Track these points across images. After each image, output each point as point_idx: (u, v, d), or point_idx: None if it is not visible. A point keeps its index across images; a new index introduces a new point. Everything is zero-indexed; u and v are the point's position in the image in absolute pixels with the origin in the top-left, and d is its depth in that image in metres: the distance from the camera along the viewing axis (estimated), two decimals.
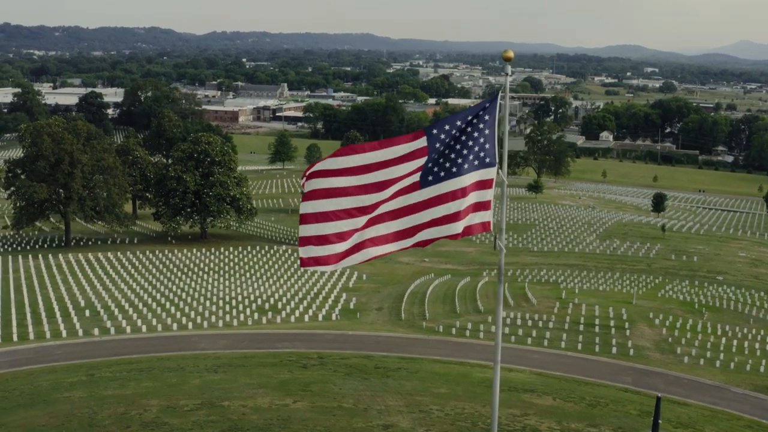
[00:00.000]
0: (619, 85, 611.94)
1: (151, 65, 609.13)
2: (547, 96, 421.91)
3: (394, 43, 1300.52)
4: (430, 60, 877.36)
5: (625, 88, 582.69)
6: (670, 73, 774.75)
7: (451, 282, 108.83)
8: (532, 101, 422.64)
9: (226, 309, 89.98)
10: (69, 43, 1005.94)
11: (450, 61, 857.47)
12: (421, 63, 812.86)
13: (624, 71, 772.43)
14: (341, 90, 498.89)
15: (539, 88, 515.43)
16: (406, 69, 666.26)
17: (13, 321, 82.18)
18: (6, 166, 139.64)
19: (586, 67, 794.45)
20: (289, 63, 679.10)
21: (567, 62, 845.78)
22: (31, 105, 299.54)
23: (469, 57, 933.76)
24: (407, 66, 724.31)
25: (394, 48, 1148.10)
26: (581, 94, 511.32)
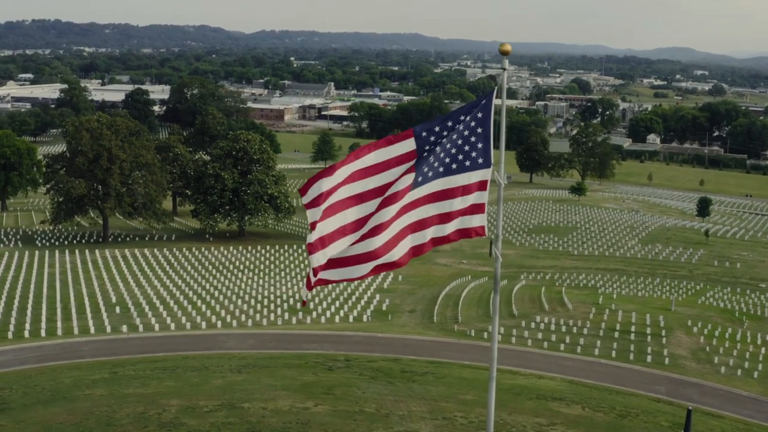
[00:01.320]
0: (668, 88, 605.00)
1: (199, 63, 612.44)
2: (594, 98, 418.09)
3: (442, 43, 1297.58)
4: (477, 60, 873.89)
5: (674, 91, 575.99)
6: (720, 76, 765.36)
7: (487, 285, 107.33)
8: (579, 103, 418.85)
9: (257, 308, 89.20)
10: (119, 40, 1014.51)
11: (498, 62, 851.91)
12: (469, 63, 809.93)
13: (673, 74, 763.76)
14: (388, 90, 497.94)
15: (587, 90, 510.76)
16: (454, 69, 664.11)
17: (43, 316, 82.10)
18: (45, 161, 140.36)
19: (635, 69, 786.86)
20: (336, 62, 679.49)
21: (616, 64, 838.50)
22: (78, 101, 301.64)
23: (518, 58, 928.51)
24: (455, 66, 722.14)
25: (443, 48, 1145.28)
26: (629, 96, 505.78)
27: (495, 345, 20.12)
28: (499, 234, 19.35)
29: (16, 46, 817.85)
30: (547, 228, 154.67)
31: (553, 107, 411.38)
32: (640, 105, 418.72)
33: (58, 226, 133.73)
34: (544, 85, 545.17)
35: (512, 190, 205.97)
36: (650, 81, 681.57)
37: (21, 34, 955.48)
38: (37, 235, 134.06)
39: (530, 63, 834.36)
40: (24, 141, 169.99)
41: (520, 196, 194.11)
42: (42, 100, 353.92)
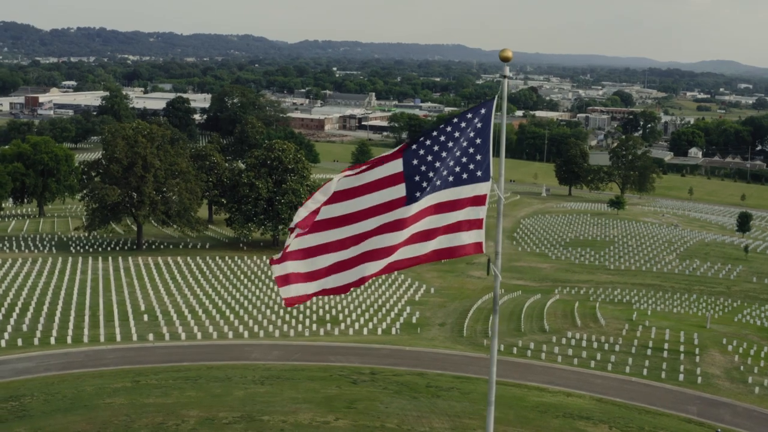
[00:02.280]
0: (711, 101, 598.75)
1: (241, 72, 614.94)
2: (636, 111, 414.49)
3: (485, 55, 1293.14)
4: (520, 72, 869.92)
5: (717, 104, 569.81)
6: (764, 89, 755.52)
7: (520, 299, 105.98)
8: (621, 115, 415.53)
9: (285, 318, 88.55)
10: (163, 48, 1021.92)
11: (540, 74, 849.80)
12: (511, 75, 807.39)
13: (717, 87, 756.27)
14: (429, 100, 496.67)
15: (629, 103, 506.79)
16: (496, 80, 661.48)
17: (71, 323, 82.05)
18: (81, 168, 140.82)
19: (678, 82, 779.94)
20: (378, 72, 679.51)
21: (659, 77, 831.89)
22: (119, 108, 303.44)
23: (560, 69, 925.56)
24: (497, 77, 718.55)
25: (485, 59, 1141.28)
26: (672, 109, 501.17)
27: (494, 368, 19.15)
28: (499, 251, 18.29)
29: (61, 53, 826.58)
30: (584, 242, 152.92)
31: (594, 120, 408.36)
32: (683, 118, 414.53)
33: (93, 232, 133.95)
34: (586, 97, 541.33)
35: (551, 203, 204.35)
36: (693, 94, 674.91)
37: (66, 42, 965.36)
38: (72, 241, 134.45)
39: (572, 75, 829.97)
40: (62, 147, 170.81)
41: (559, 209, 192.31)
42: (84, 107, 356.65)
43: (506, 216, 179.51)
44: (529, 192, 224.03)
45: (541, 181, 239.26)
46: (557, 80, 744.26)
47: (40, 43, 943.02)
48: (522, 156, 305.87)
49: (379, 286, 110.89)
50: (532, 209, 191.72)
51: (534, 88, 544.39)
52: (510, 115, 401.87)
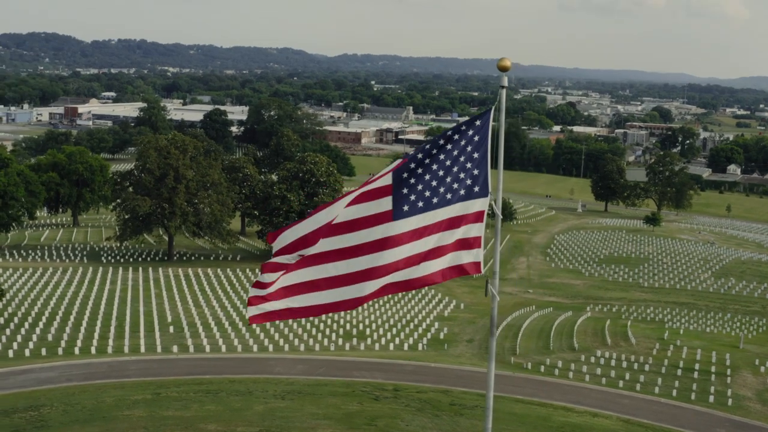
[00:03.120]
0: (751, 118, 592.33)
1: (280, 85, 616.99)
2: (675, 126, 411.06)
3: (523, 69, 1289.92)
4: (558, 87, 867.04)
5: (757, 121, 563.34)
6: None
7: (551, 316, 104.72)
8: (659, 131, 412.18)
9: (312, 332, 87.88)
10: (203, 61, 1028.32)
11: (579, 89, 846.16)
12: (550, 90, 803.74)
13: (757, 103, 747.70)
14: (466, 114, 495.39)
15: (668, 119, 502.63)
16: (534, 95, 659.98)
17: (96, 333, 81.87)
18: (113, 179, 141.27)
19: (717, 98, 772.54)
20: (416, 86, 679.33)
21: (699, 93, 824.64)
22: (156, 120, 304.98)
23: (599, 85, 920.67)
24: (535, 92, 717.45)
25: (523, 74, 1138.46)
26: (711, 125, 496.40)
27: (491, 394, 18.38)
28: (496, 271, 17.40)
29: (102, 64, 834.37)
30: (618, 258, 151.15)
31: (632, 135, 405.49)
32: (722, 135, 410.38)
33: (125, 243, 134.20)
34: (625, 112, 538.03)
35: (586, 219, 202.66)
36: (733, 110, 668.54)
37: (107, 54, 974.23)
38: (104, 251, 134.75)
39: (612, 90, 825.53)
40: (97, 158, 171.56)
41: (594, 225, 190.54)
42: (123, 118, 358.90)
43: (541, 231, 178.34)
44: (565, 207, 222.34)
45: (577, 196, 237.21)
46: (596, 95, 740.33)
47: (81, 54, 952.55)
48: (558, 171, 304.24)
49: (409, 300, 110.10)
50: (567, 225, 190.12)
51: (572, 103, 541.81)
52: (547, 130, 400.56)
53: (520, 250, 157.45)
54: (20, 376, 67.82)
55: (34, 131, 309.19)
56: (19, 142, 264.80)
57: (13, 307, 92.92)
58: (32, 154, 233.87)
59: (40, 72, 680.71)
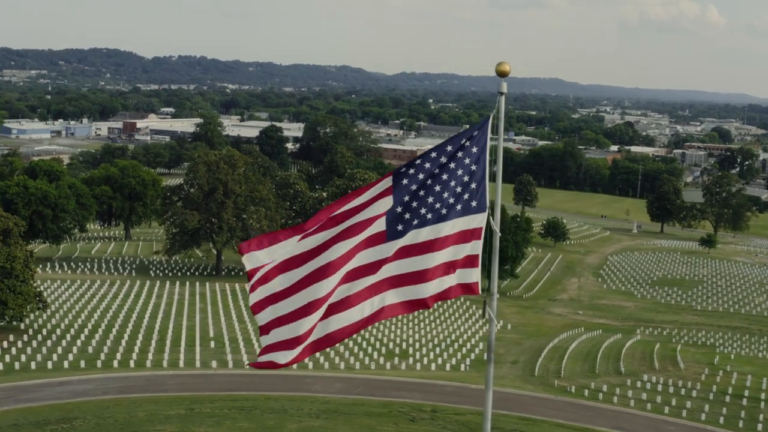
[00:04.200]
0: None
1: (337, 102, 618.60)
2: (734, 147, 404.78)
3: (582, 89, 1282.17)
4: (617, 107, 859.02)
5: None
6: None
7: (599, 338, 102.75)
8: (718, 152, 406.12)
9: (353, 350, 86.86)
10: (262, 78, 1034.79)
11: (638, 109, 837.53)
12: (608, 110, 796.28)
13: None
14: (523, 134, 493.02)
15: (728, 139, 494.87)
16: (592, 115, 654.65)
17: (137, 347, 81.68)
18: (163, 192, 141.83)
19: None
20: (473, 105, 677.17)
21: (759, 113, 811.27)
22: (212, 135, 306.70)
23: (658, 105, 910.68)
24: (593, 112, 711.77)
25: (582, 93, 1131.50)
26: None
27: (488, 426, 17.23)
28: (494, 291, 16.20)
29: (162, 80, 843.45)
30: (671, 280, 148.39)
31: (690, 156, 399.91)
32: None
33: (173, 257, 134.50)
34: (684, 133, 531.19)
35: (641, 240, 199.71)
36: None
37: (167, 70, 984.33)
38: (153, 265, 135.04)
39: (671, 110, 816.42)
40: (149, 172, 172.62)
41: (648, 246, 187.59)
42: (180, 133, 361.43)
43: (594, 252, 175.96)
44: (620, 228, 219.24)
45: (633, 217, 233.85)
46: (655, 115, 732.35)
47: (142, 70, 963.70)
48: (614, 192, 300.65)
49: (455, 320, 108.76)
50: (621, 246, 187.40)
51: (630, 122, 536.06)
52: (604, 150, 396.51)
53: (572, 271, 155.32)
54: (57, 387, 67.69)
55: (92, 145, 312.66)
56: (77, 155, 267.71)
57: (56, 319, 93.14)
58: (88, 167, 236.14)
59: (101, 87, 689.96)
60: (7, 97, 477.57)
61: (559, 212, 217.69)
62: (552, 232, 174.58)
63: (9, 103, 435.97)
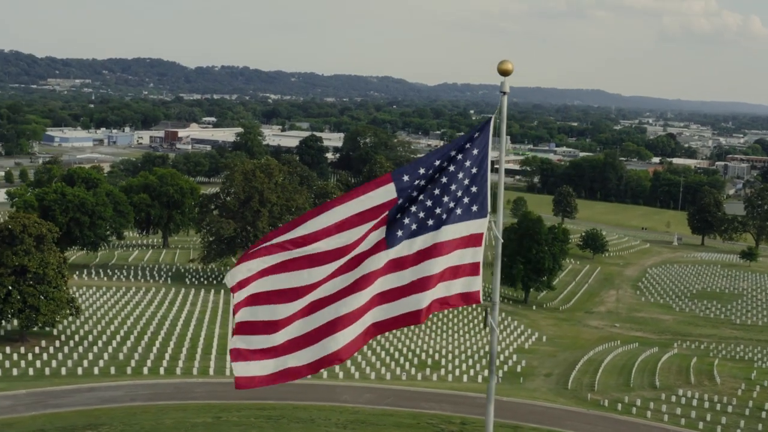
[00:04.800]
0: None
1: (378, 113, 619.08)
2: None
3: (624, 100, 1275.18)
4: (659, 118, 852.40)
5: None
6: None
7: (635, 351, 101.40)
8: (761, 164, 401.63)
9: (385, 360, 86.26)
10: (304, 88, 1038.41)
11: (681, 120, 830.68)
12: (650, 121, 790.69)
13: None
14: (564, 145, 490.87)
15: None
16: (634, 126, 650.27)
17: (167, 354, 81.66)
18: (199, 201, 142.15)
19: None
20: (515, 116, 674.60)
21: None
22: (252, 145, 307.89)
23: (701, 116, 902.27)
24: (635, 123, 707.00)
25: (624, 105, 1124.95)
26: None
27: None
28: (496, 301, 15.51)
29: (205, 90, 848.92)
30: (711, 294, 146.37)
31: (733, 168, 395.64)
32: None
33: (209, 265, 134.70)
34: (727, 145, 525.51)
35: (681, 252, 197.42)
36: None
37: (210, 80, 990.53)
38: (189, 273, 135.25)
39: (714, 122, 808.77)
40: (187, 180, 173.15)
41: (688, 259, 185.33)
42: (221, 142, 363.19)
43: (633, 264, 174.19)
44: (660, 240, 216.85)
45: (673, 229, 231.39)
46: (697, 127, 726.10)
47: (184, 80, 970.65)
48: (656, 204, 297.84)
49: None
50: (660, 258, 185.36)
51: (672, 134, 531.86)
52: (645, 162, 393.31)
53: (610, 283, 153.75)
54: (86, 393, 67.78)
55: (134, 154, 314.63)
56: (117, 164, 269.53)
57: (89, 326, 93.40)
58: (128, 175, 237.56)
59: (144, 97, 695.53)
60: (51, 105, 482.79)
61: (599, 224, 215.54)
62: (590, 244, 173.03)
63: (52, 112, 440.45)
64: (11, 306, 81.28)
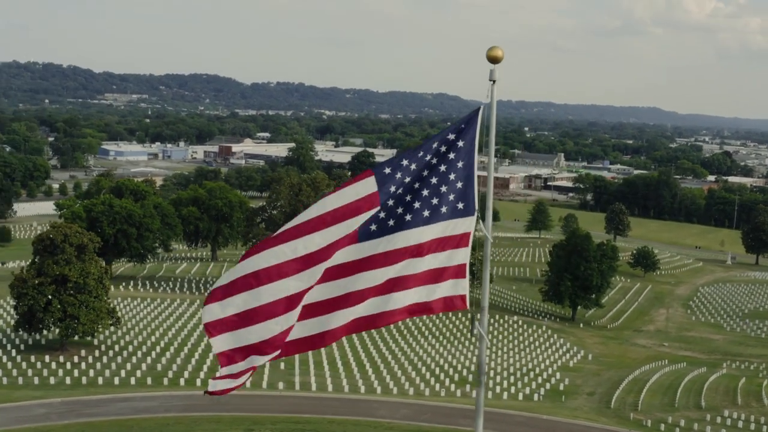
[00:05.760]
0: None
1: (431, 129, 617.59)
2: None
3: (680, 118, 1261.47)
4: (716, 136, 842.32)
5: None
6: None
7: (682, 371, 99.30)
8: None
9: (425, 376, 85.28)
10: (359, 105, 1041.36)
11: (737, 138, 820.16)
12: (707, 139, 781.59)
13: None
14: (618, 162, 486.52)
15: None
16: (689, 144, 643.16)
17: (206, 366, 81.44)
18: (246, 214, 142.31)
19: None
20: (569, 133, 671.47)
21: None
22: (304, 160, 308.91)
23: (758, 135, 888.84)
24: (691, 141, 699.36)
25: (681, 123, 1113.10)
26: None
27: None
28: (485, 306, 14.50)
29: (260, 106, 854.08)
30: (763, 313, 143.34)
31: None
32: None
33: None
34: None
35: (734, 271, 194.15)
36: None
37: (265, 96, 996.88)
38: None
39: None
40: (236, 194, 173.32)
41: (742, 278, 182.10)
42: (274, 157, 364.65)
43: (685, 283, 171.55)
44: (714, 259, 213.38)
45: (728, 248, 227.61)
46: (754, 145, 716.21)
47: (240, 96, 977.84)
48: (710, 222, 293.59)
49: (534, 348, 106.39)
50: (713, 277, 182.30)
51: (728, 152, 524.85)
52: (701, 180, 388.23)
53: (661, 302, 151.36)
54: (120, 403, 67.59)
55: (187, 168, 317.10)
56: (170, 177, 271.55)
57: (130, 336, 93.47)
58: (180, 189, 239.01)
59: (200, 112, 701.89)
60: (107, 120, 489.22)
61: (652, 242, 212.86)
62: (642, 262, 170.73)
63: (109, 126, 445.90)
64: (51, 315, 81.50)
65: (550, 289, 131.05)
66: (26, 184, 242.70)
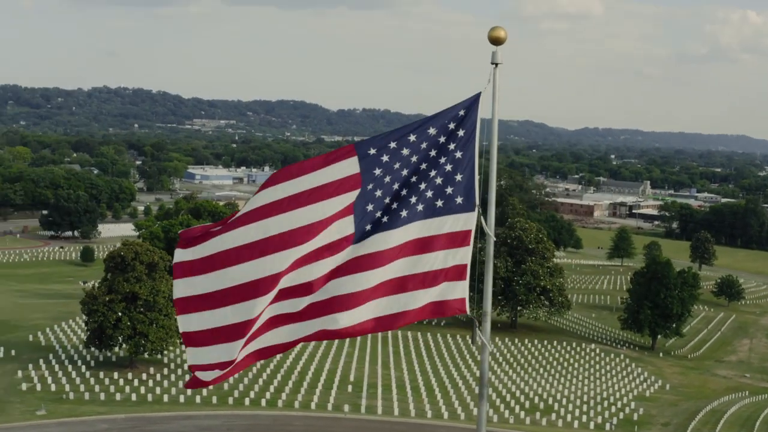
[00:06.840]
0: None
1: (516, 156, 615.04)
2: None
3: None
4: None
5: None
6: None
7: (763, 403, 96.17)
8: None
9: (495, 402, 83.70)
10: None
11: None
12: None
13: None
14: (705, 191, 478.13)
15: None
16: None
17: (272, 386, 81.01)
18: None
19: None
20: (656, 161, 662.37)
21: None
22: None
23: None
24: None
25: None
26: None
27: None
28: (487, 311, 13.39)
29: (346, 132, 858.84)
30: None
31: None
32: None
33: None
34: None
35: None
36: None
37: (351, 122, 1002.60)
38: None
39: None
40: None
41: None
42: None
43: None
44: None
45: None
46: None
47: (326, 122, 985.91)
48: None
49: (611, 377, 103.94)
50: None
51: None
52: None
53: (745, 332, 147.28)
54: (182, 421, 67.52)
55: None
56: None
57: None
58: None
59: (286, 138, 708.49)
60: (195, 144, 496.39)
61: (738, 271, 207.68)
62: (726, 291, 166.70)
63: (195, 151, 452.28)
64: (121, 332, 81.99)
65: (630, 317, 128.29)
66: (112, 206, 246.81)
